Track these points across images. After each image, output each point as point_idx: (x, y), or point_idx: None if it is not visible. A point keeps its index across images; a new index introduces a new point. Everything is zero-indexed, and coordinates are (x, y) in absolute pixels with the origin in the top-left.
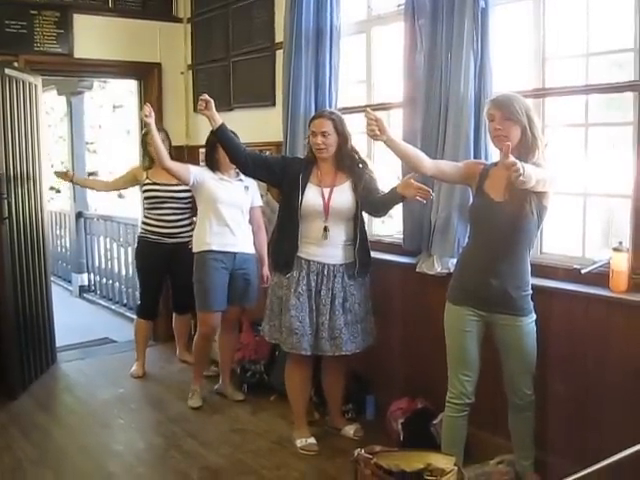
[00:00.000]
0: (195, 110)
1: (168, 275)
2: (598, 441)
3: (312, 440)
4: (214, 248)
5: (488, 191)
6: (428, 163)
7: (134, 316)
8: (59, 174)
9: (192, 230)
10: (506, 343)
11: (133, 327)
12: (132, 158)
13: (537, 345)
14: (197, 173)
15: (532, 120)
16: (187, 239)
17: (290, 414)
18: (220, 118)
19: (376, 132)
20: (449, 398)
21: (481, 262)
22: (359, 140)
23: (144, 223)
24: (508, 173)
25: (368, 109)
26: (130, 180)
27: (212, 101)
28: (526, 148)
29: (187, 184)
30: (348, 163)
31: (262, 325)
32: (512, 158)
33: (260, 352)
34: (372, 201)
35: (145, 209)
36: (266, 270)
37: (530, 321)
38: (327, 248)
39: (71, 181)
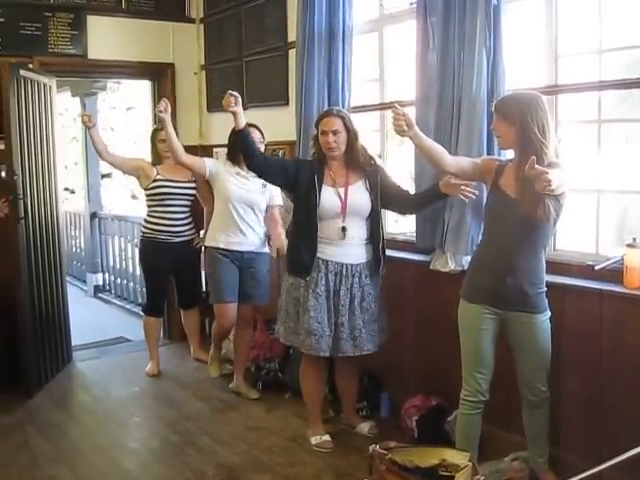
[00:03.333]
0: (209, 110)
1: (172, 272)
2: (612, 438)
3: (327, 437)
4: (221, 246)
5: (504, 188)
6: (450, 160)
7: None
8: (84, 117)
9: (193, 228)
10: (521, 340)
11: (142, 326)
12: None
13: (551, 342)
14: (212, 165)
15: (527, 122)
16: (190, 237)
17: (305, 412)
18: (244, 118)
19: (404, 127)
20: (464, 396)
21: (497, 260)
22: (372, 138)
23: (150, 222)
24: (534, 180)
25: (396, 104)
26: (136, 169)
27: (240, 97)
28: (524, 149)
29: (203, 176)
30: (360, 161)
31: (277, 326)
32: (539, 168)
33: (274, 350)
34: (401, 198)
35: (152, 207)
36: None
37: (545, 318)
38: (345, 248)
39: (88, 127)
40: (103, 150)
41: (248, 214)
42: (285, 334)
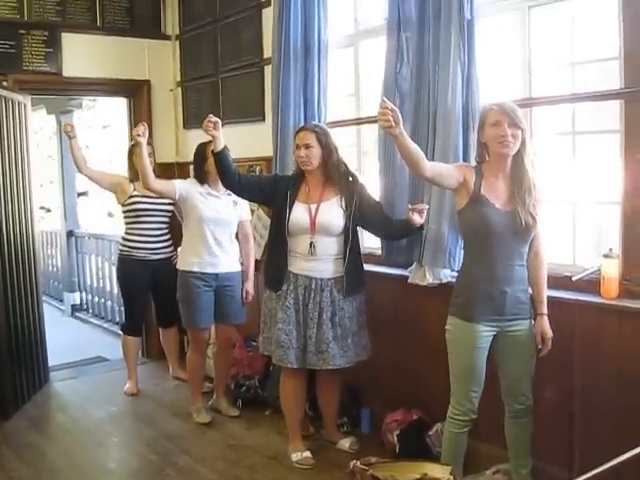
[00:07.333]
0: (185, 126)
1: (151, 290)
2: (591, 448)
3: (308, 454)
4: (195, 269)
5: (489, 198)
6: (428, 164)
7: None
8: (67, 126)
9: (172, 245)
10: (514, 349)
11: (121, 345)
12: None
13: None
14: (182, 188)
15: (525, 127)
16: (169, 254)
17: (285, 429)
18: (224, 140)
19: (391, 122)
20: (454, 414)
21: (494, 272)
22: (348, 154)
23: (128, 240)
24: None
25: (384, 97)
26: (114, 184)
27: (220, 122)
28: (525, 154)
29: (173, 200)
30: (335, 176)
31: (259, 337)
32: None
33: (254, 367)
34: (380, 221)
35: (129, 224)
36: (248, 286)
37: (532, 324)
38: (314, 263)
39: (69, 137)
40: (82, 163)
41: (222, 234)
42: (263, 344)
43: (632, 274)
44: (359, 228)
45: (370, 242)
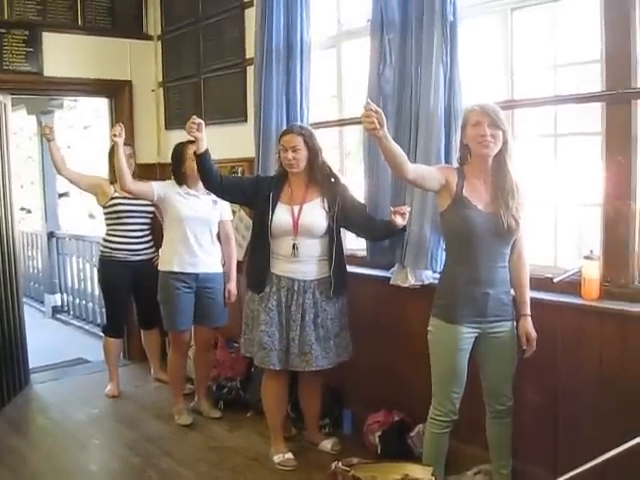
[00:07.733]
0: (167, 127)
1: (132, 292)
2: (573, 448)
3: (290, 455)
4: (175, 269)
5: (471, 199)
6: (410, 167)
7: None
8: (45, 129)
9: (153, 247)
10: (496, 350)
11: (102, 347)
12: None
13: None
14: (160, 188)
15: (507, 127)
16: (150, 256)
17: (267, 430)
18: (206, 142)
19: (376, 125)
20: (435, 415)
21: (476, 273)
22: (330, 156)
23: (109, 241)
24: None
25: (368, 99)
26: (93, 186)
27: (203, 123)
28: (507, 155)
29: (152, 201)
30: (319, 177)
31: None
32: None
33: (236, 369)
34: (363, 222)
35: (110, 225)
36: (231, 286)
37: (514, 325)
38: (297, 264)
39: (48, 140)
40: (61, 165)
41: (201, 233)
42: (245, 346)
43: (612, 276)
44: (342, 229)
45: (353, 243)
